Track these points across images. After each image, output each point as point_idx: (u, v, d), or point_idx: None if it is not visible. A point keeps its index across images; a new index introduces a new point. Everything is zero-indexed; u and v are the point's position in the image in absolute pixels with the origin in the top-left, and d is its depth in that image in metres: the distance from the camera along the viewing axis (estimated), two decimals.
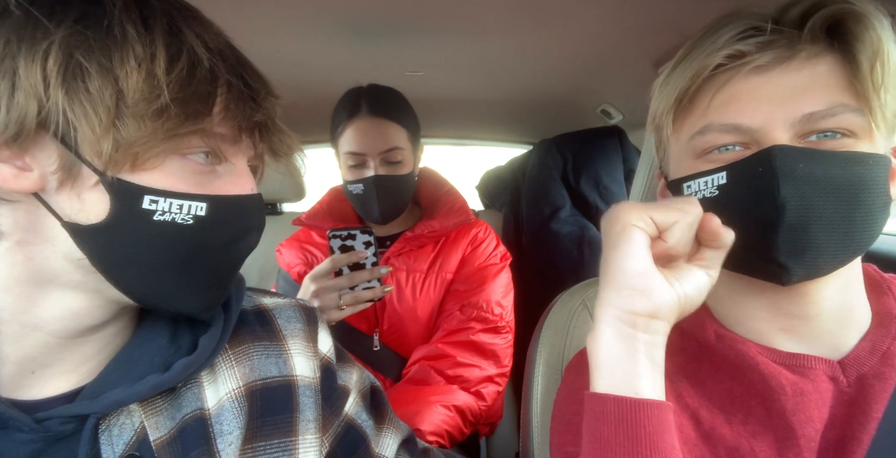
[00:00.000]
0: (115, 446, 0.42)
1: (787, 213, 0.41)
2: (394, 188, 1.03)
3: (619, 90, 1.32)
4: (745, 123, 0.43)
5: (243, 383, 0.49)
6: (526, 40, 1.03)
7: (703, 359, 0.51)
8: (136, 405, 0.44)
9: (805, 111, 0.42)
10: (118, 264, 0.40)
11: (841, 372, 0.46)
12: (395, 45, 1.06)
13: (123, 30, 0.37)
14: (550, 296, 0.75)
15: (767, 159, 0.42)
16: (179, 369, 0.44)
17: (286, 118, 0.48)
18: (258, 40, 1.00)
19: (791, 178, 0.41)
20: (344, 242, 0.86)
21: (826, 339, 0.47)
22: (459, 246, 1.09)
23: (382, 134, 1.00)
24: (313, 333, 0.57)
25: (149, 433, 0.43)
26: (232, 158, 0.44)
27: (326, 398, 0.55)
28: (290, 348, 0.54)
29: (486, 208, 1.78)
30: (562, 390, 0.58)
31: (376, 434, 0.60)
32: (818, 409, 0.45)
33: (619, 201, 0.44)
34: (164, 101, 0.37)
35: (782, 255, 0.43)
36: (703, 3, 0.79)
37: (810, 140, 0.43)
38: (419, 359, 1.00)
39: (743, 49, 0.43)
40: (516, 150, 1.97)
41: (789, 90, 0.42)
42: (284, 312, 0.56)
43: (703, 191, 0.46)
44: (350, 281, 0.86)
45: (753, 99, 0.43)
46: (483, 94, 1.44)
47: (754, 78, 0.43)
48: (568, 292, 0.73)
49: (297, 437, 0.51)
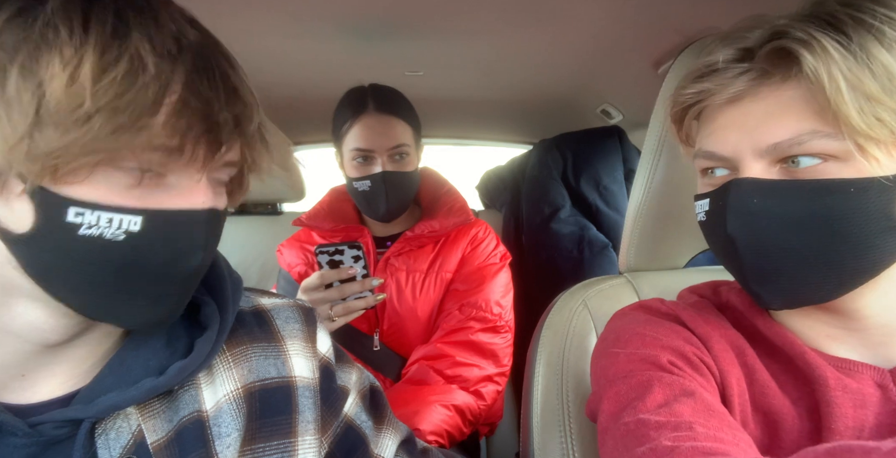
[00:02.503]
0: (113, 449, 0.42)
1: (738, 247, 0.43)
2: (401, 185, 1.03)
3: (619, 90, 1.32)
4: (719, 152, 0.44)
5: (241, 384, 0.49)
6: (526, 40, 1.03)
7: (758, 340, 0.51)
8: (132, 408, 0.43)
9: (770, 142, 0.41)
10: (49, 275, 0.38)
11: (891, 381, 0.45)
12: (395, 46, 1.06)
13: (56, 30, 0.34)
14: (550, 296, 0.75)
15: (724, 194, 0.44)
16: (175, 373, 0.44)
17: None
18: (258, 41, 1.00)
19: (740, 213, 0.42)
20: (332, 257, 0.85)
21: (879, 350, 0.46)
22: (459, 246, 1.09)
23: (390, 130, 1.00)
24: (312, 333, 0.56)
25: (146, 436, 0.43)
26: (183, 169, 0.39)
27: (325, 398, 0.54)
28: (288, 348, 0.53)
29: (486, 208, 1.78)
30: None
31: (375, 435, 0.60)
32: (855, 408, 0.44)
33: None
34: (87, 109, 0.33)
35: (752, 283, 0.45)
36: (704, 4, 0.79)
37: (787, 167, 0.42)
38: (418, 359, 1.00)
39: (710, 87, 0.44)
40: (516, 150, 1.97)
41: (757, 119, 0.42)
42: (283, 312, 0.56)
43: (700, 214, 0.48)
44: (340, 293, 0.86)
45: (726, 127, 0.44)
46: (483, 94, 1.44)
47: (728, 108, 0.44)
48: (568, 292, 0.73)
49: (297, 438, 0.50)
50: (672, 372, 0.46)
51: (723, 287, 0.56)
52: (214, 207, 0.42)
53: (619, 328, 0.54)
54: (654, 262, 0.73)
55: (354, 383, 0.60)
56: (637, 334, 0.51)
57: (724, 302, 0.55)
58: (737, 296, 0.53)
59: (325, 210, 1.14)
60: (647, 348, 0.48)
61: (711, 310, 0.54)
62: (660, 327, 0.51)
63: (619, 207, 1.44)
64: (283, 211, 1.66)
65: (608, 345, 0.52)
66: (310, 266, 1.11)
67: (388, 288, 1.05)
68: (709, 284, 0.58)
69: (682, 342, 0.49)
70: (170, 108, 0.36)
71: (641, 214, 0.69)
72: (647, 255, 0.72)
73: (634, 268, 0.74)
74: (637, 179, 0.69)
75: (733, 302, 0.53)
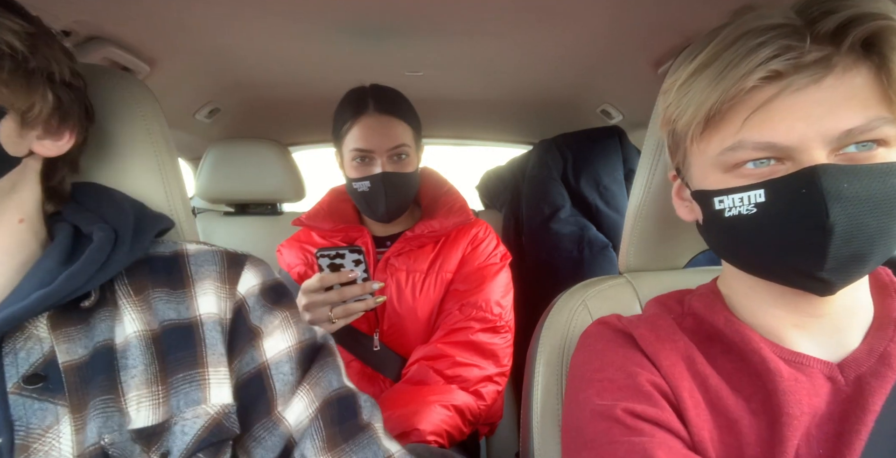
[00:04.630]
0: (20, 367, 0.45)
1: (835, 235, 0.41)
2: (401, 185, 1.03)
3: (619, 90, 1.32)
4: (781, 142, 0.43)
5: (148, 327, 0.51)
6: (526, 40, 1.03)
7: (715, 340, 0.53)
8: (46, 332, 0.47)
9: (843, 128, 0.41)
10: None
11: (839, 373, 0.47)
12: (395, 46, 1.06)
13: None
14: (550, 296, 0.75)
15: (812, 180, 0.41)
16: (63, 279, 0.47)
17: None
18: (258, 41, 1.00)
19: (838, 199, 0.41)
20: (333, 260, 0.86)
21: (834, 336, 0.49)
22: (459, 246, 1.09)
23: (390, 131, 1.00)
24: (233, 275, 0.57)
25: (58, 357, 0.47)
26: None
27: (232, 335, 0.55)
28: (196, 291, 0.55)
29: (486, 208, 1.78)
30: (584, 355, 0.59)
31: (288, 392, 0.56)
32: (809, 396, 0.46)
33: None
34: None
35: (826, 272, 0.43)
36: (704, 4, 0.79)
37: (846, 153, 0.42)
38: (418, 359, 1.00)
39: (779, 69, 0.42)
40: (516, 150, 1.97)
41: (825, 108, 0.42)
42: (201, 257, 0.58)
43: (739, 207, 0.46)
44: (341, 296, 0.86)
45: (787, 117, 0.42)
46: (483, 94, 1.45)
47: (789, 97, 0.42)
48: (568, 292, 0.73)
49: (206, 369, 0.52)
50: (631, 430, 0.47)
51: (687, 296, 0.59)
52: None
53: (581, 364, 0.57)
54: (654, 262, 0.73)
55: (277, 327, 0.58)
56: (594, 381, 0.53)
57: (686, 310, 0.57)
58: (699, 301, 0.56)
59: (325, 210, 1.14)
60: (603, 398, 0.51)
61: (664, 321, 0.56)
62: (613, 360, 0.54)
63: (619, 207, 1.44)
64: (283, 211, 1.66)
65: (572, 389, 0.56)
66: (309, 266, 1.11)
67: (388, 288, 1.04)
68: (674, 294, 0.61)
69: (635, 371, 0.51)
70: None
71: (641, 214, 0.69)
72: (647, 255, 0.72)
73: (634, 268, 0.74)
74: (637, 179, 0.69)
75: (695, 308, 0.56)
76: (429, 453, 0.80)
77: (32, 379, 0.45)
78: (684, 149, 0.51)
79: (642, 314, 0.60)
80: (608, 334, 0.58)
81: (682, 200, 0.56)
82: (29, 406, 0.45)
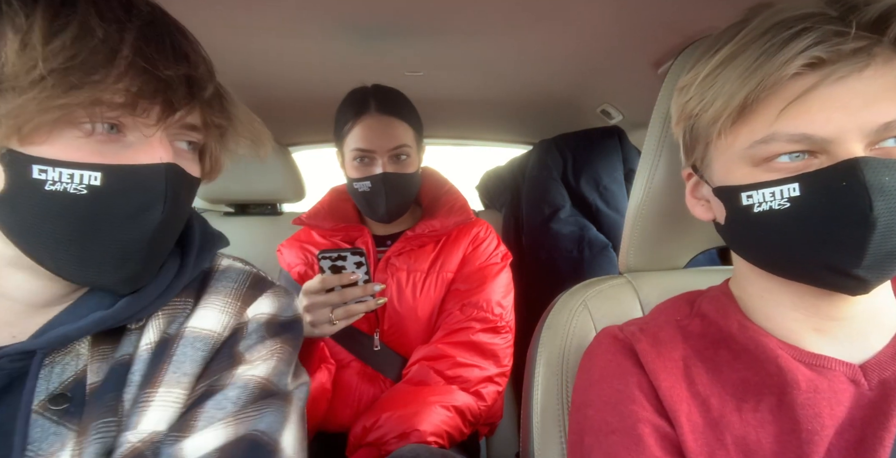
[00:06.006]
0: (51, 383, 0.44)
1: (877, 230, 0.40)
2: (401, 186, 1.03)
3: (619, 90, 1.32)
4: (818, 134, 0.41)
5: (158, 338, 0.49)
6: (526, 40, 1.03)
7: (723, 346, 0.51)
8: (86, 349, 0.46)
9: (881, 121, 0.40)
10: (23, 233, 0.42)
11: (862, 376, 0.46)
12: (395, 46, 1.06)
13: (8, 2, 0.38)
14: (550, 296, 0.75)
15: (853, 173, 0.40)
16: (123, 305, 0.46)
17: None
18: (258, 41, 1.00)
19: (882, 193, 0.40)
20: (334, 262, 0.86)
21: (857, 340, 0.47)
22: (460, 245, 1.09)
23: (391, 131, 1.01)
24: (249, 296, 0.53)
25: (87, 377, 0.45)
26: (139, 127, 0.43)
27: (215, 357, 0.50)
28: (201, 303, 0.52)
29: (486, 208, 1.78)
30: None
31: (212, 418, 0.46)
32: (830, 407, 0.44)
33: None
34: (40, 71, 0.37)
35: (863, 269, 0.41)
36: (704, 3, 0.79)
37: (883, 147, 0.41)
38: (419, 359, 1.00)
39: (823, 56, 0.40)
40: (516, 150, 1.97)
41: (865, 99, 0.40)
42: (228, 273, 0.55)
43: (771, 202, 0.44)
44: (341, 298, 0.86)
45: (825, 108, 0.41)
46: (483, 94, 1.44)
47: (830, 86, 0.41)
48: (568, 292, 0.73)
49: (158, 388, 0.46)
50: None
51: (697, 297, 0.57)
52: (175, 163, 0.45)
53: (580, 392, 0.56)
54: (654, 262, 0.73)
55: (262, 359, 0.51)
56: (593, 429, 0.52)
57: (696, 311, 0.55)
58: (710, 304, 0.54)
59: (326, 210, 1.14)
60: (601, 447, 0.50)
61: (667, 333, 0.54)
62: (610, 397, 0.52)
63: (619, 207, 1.44)
64: (283, 211, 1.66)
65: (574, 423, 0.55)
66: (309, 266, 1.11)
67: (388, 288, 1.04)
68: (686, 295, 0.59)
69: (631, 412, 0.50)
70: (120, 69, 0.40)
71: (641, 215, 0.69)
72: (647, 255, 0.72)
73: (634, 268, 0.74)
74: (637, 179, 0.69)
75: (705, 311, 0.54)
76: (429, 453, 0.80)
77: (58, 400, 0.44)
78: (705, 144, 0.50)
79: (648, 319, 0.59)
80: (609, 351, 0.56)
81: (697, 200, 0.55)
82: (46, 430, 0.43)
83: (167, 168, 0.44)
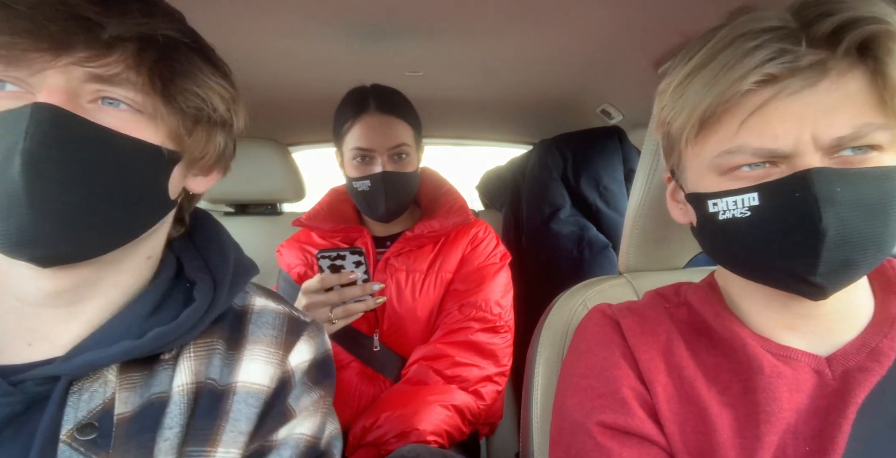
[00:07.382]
0: (79, 411, 0.43)
1: (828, 239, 0.41)
2: (401, 185, 1.03)
3: (619, 90, 1.32)
4: (778, 146, 0.43)
5: (195, 379, 0.48)
6: (526, 40, 1.03)
7: (704, 333, 0.54)
8: (114, 376, 0.44)
9: (834, 136, 0.41)
10: None
11: (827, 367, 0.48)
12: (395, 46, 1.06)
13: None
14: (550, 296, 0.75)
15: (805, 184, 0.41)
16: (153, 336, 0.45)
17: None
18: (258, 41, 1.00)
19: (831, 203, 0.41)
20: (333, 262, 0.86)
21: (825, 336, 0.49)
22: (459, 246, 1.09)
23: (391, 130, 1.01)
24: (289, 342, 0.54)
25: (115, 406, 0.44)
26: (21, 75, 0.39)
27: (267, 411, 0.51)
28: (245, 353, 0.51)
29: (486, 208, 1.78)
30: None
31: None
32: (790, 393, 0.46)
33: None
34: None
35: (819, 276, 0.43)
36: (704, 3, 0.79)
37: (841, 156, 0.42)
38: (418, 359, 1.00)
39: (775, 72, 0.42)
40: (516, 150, 1.97)
41: (819, 112, 0.41)
42: (264, 316, 0.55)
43: (733, 210, 0.46)
44: (341, 297, 0.86)
45: (784, 121, 0.42)
46: (483, 94, 1.44)
47: (784, 100, 0.42)
48: (568, 292, 0.73)
49: (216, 448, 0.47)
50: (601, 448, 0.49)
51: (683, 287, 0.60)
52: (55, 105, 0.39)
53: (568, 366, 0.59)
54: (654, 262, 0.73)
55: (307, 411, 0.54)
56: (578, 388, 0.54)
57: (682, 300, 0.58)
58: (694, 293, 0.57)
59: (325, 210, 1.14)
60: (583, 406, 0.53)
61: (654, 313, 0.57)
62: (595, 364, 0.55)
63: (619, 207, 1.44)
64: (283, 211, 1.66)
65: (560, 393, 0.57)
66: (309, 267, 1.11)
67: (387, 288, 1.04)
68: (674, 286, 0.62)
69: (614, 377, 0.52)
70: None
71: (641, 215, 0.69)
72: (647, 255, 0.72)
73: (634, 268, 0.74)
74: (637, 179, 0.69)
75: (689, 299, 0.57)
76: (429, 453, 0.80)
77: (86, 430, 0.42)
78: (679, 151, 0.51)
79: (639, 302, 0.61)
80: (598, 324, 0.59)
81: (676, 203, 0.56)
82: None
83: (34, 109, 0.38)
